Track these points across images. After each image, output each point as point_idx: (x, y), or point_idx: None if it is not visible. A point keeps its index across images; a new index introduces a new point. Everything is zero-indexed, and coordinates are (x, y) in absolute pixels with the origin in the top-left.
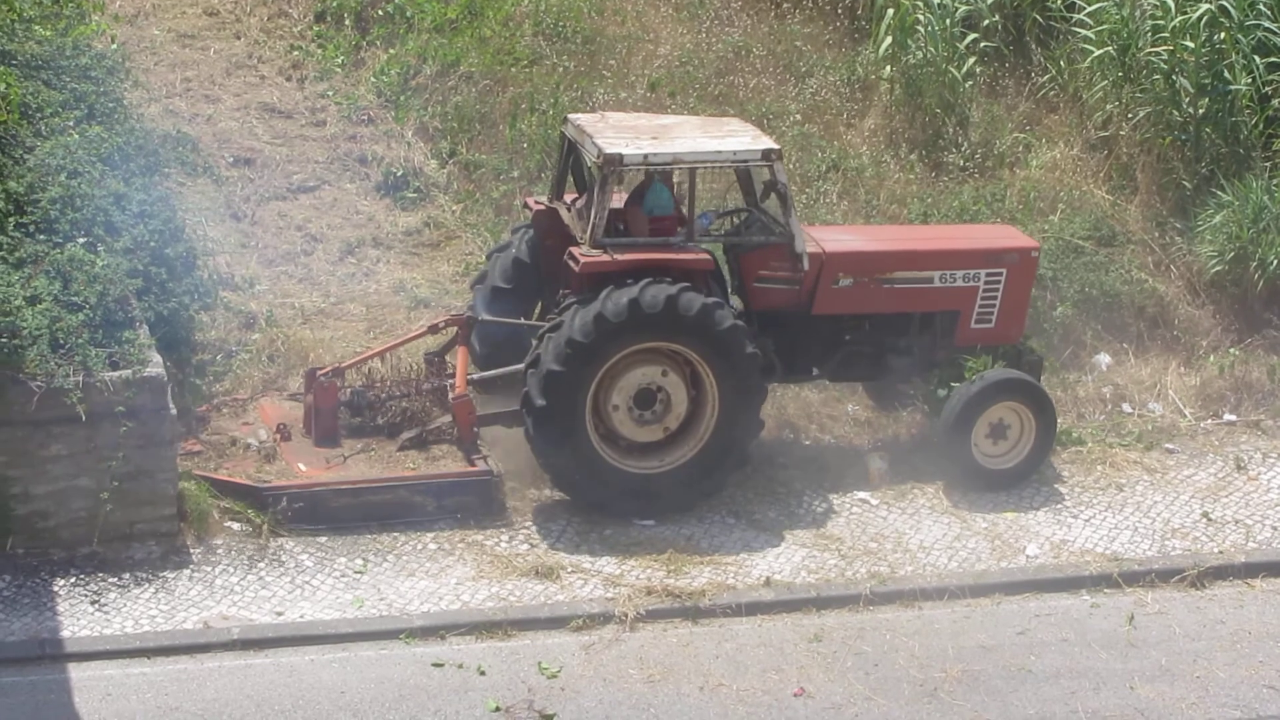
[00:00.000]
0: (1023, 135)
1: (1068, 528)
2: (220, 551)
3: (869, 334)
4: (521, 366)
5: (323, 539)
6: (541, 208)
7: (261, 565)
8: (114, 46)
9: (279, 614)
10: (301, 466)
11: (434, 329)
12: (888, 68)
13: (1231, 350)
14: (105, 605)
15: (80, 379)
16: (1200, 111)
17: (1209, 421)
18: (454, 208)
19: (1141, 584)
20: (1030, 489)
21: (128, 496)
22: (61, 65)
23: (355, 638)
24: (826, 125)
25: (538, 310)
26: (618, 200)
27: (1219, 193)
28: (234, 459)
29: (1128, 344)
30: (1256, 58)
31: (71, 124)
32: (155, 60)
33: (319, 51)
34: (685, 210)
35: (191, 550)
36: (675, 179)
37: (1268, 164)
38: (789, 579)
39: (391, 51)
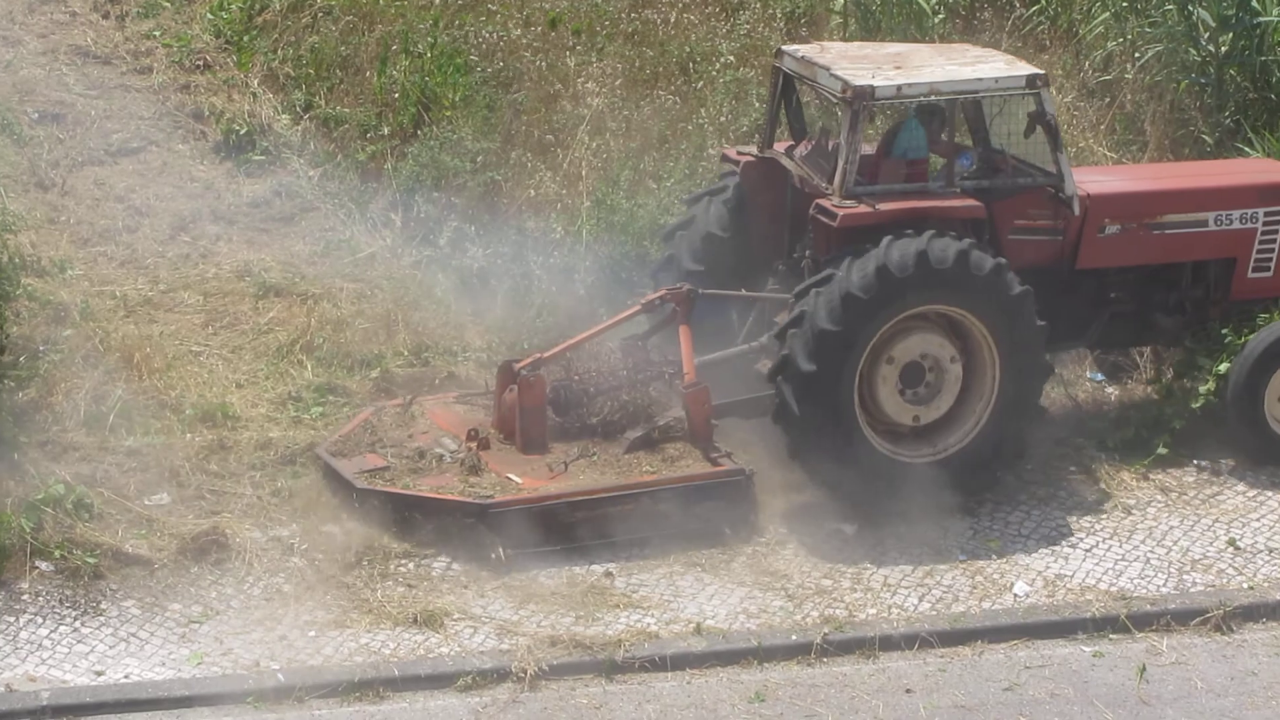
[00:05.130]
0: None
1: (1064, 559)
2: (26, 598)
3: (1136, 291)
4: (745, 348)
5: (152, 581)
6: (751, 159)
7: (76, 614)
8: None
9: (99, 673)
10: (514, 478)
11: (649, 307)
12: None
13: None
14: None
15: None
16: (1223, 49)
17: None
18: (311, 173)
19: (1155, 628)
20: (1019, 511)
21: None
22: None
23: (192, 701)
24: (765, 69)
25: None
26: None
27: (1245, 148)
28: (430, 474)
29: None
30: None
31: None
32: None
33: None
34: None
35: None
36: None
37: None
38: (724, 625)
39: None
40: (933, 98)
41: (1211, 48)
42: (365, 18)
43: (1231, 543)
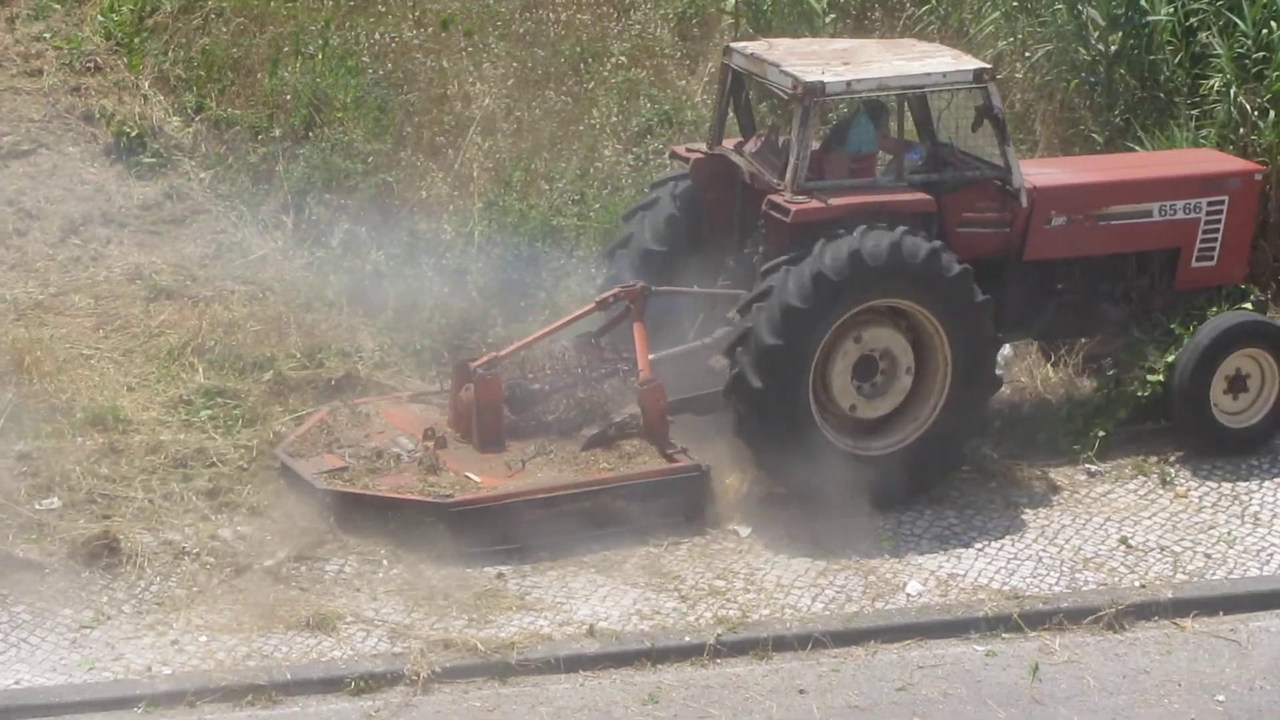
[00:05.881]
0: None
1: (957, 559)
2: None
3: (1081, 282)
4: (699, 344)
5: (42, 586)
6: (700, 156)
7: None
8: None
9: None
10: (473, 476)
11: (602, 304)
12: None
13: None
14: None
15: None
16: (1112, 48)
17: None
18: (202, 175)
19: (1047, 626)
20: (912, 511)
21: None
22: None
23: (84, 707)
24: (657, 69)
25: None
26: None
27: (1136, 146)
28: (389, 473)
29: None
30: None
31: None
32: None
33: None
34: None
35: None
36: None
37: (1194, 110)
38: (617, 626)
39: None
40: (882, 93)
41: (1101, 47)
42: (256, 19)
43: (1123, 541)
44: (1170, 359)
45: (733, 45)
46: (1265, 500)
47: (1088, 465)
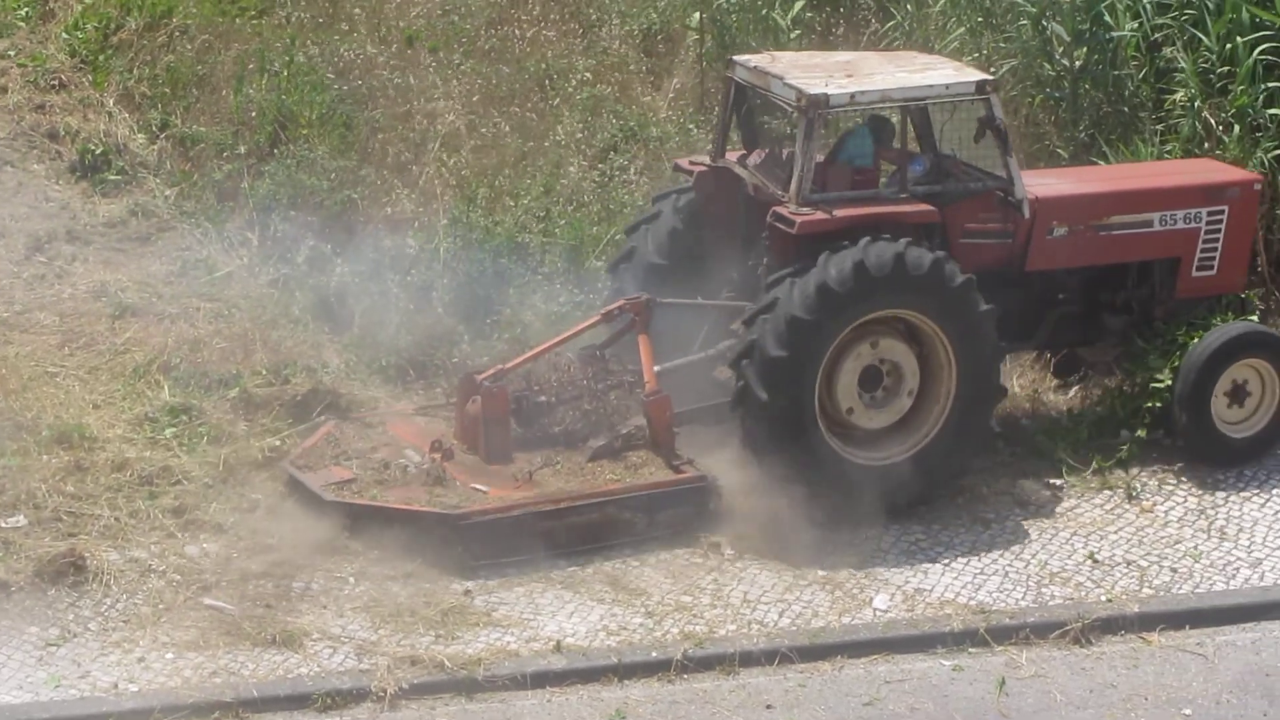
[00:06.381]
0: None
1: (924, 574)
2: None
3: (1082, 292)
4: (703, 355)
5: (8, 604)
6: (704, 169)
7: None
8: None
9: None
10: (480, 488)
11: (608, 317)
12: (696, 14)
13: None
14: None
15: None
16: (1077, 63)
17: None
18: (167, 193)
19: (1014, 641)
20: (878, 526)
21: None
22: None
23: None
24: (622, 86)
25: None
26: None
27: (1100, 161)
28: (396, 485)
29: None
30: None
31: None
32: None
33: None
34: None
35: None
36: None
37: (1159, 125)
38: (584, 642)
39: (88, 1)
40: (885, 105)
41: (1066, 62)
42: (222, 37)
43: (1090, 556)
44: (1172, 368)
45: (735, 58)
46: (1231, 515)
47: (1052, 480)
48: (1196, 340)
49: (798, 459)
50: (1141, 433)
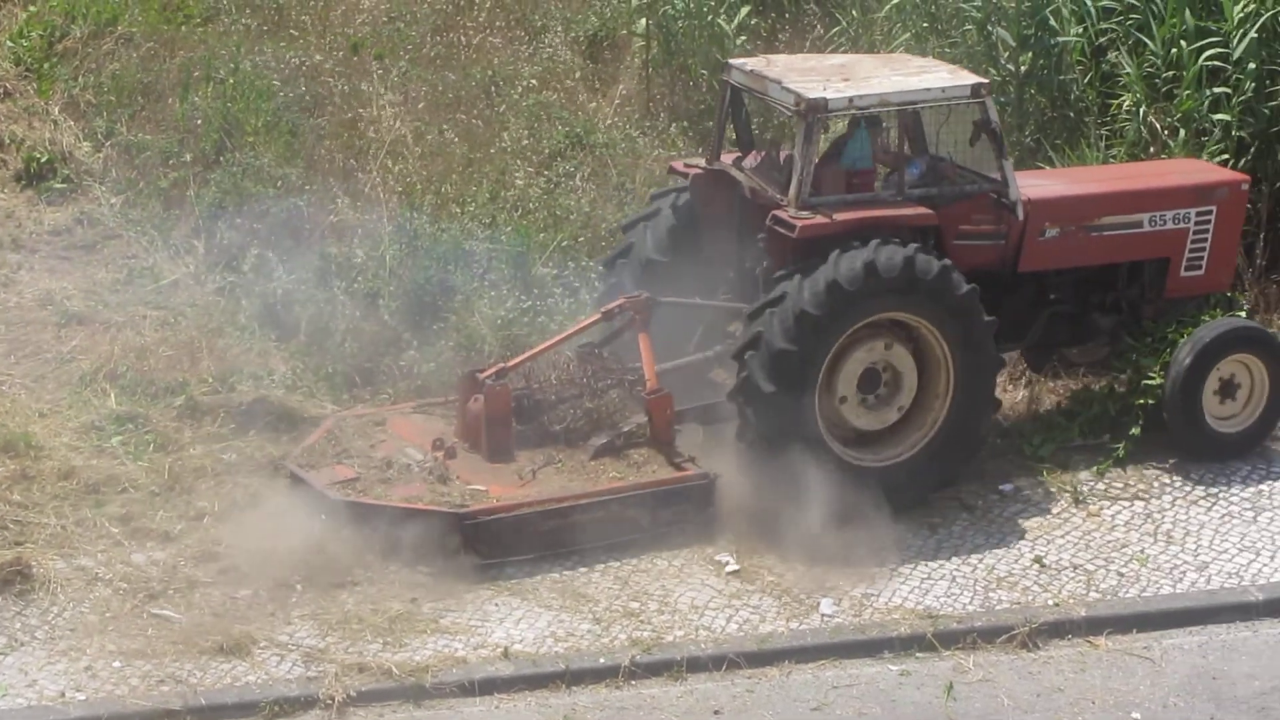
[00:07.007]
0: None
1: (871, 579)
2: None
3: (1073, 292)
4: (701, 356)
5: None
6: (700, 171)
7: None
8: None
9: None
10: (482, 487)
11: (608, 315)
12: (642, 20)
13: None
14: None
15: None
16: (1023, 68)
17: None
18: (113, 200)
19: (961, 645)
20: (824, 532)
21: None
22: None
23: None
24: (567, 92)
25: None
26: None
27: (1046, 166)
28: (399, 484)
29: None
30: (1089, 2)
31: None
32: None
33: None
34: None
35: None
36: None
37: (1104, 129)
38: (532, 649)
39: (32, 9)
40: (883, 108)
41: (1011, 67)
42: (167, 44)
43: (1037, 560)
44: (1162, 365)
45: (732, 62)
46: (1178, 519)
47: (1000, 485)
48: (1186, 337)
49: (791, 454)
50: (1135, 430)
